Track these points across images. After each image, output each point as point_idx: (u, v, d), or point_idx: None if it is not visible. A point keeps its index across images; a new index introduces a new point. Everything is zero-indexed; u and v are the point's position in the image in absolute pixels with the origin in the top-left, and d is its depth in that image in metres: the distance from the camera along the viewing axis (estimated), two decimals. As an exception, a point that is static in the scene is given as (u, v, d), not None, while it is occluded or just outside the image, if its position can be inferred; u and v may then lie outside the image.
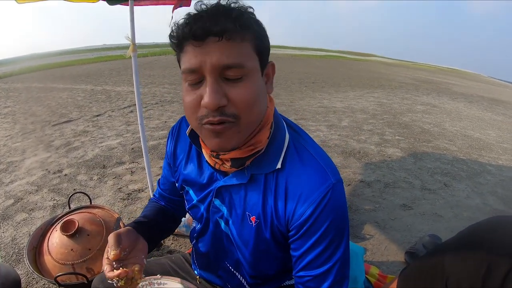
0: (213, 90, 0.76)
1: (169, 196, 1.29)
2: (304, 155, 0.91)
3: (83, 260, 1.92)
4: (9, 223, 2.88)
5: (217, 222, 1.07)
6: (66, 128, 5.95)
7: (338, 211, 0.87)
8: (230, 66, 0.75)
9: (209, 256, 1.20)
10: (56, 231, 2.04)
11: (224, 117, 0.78)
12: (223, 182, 0.97)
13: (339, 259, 0.90)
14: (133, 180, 3.40)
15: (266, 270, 1.10)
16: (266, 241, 0.98)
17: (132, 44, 2.39)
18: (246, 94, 0.78)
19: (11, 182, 3.78)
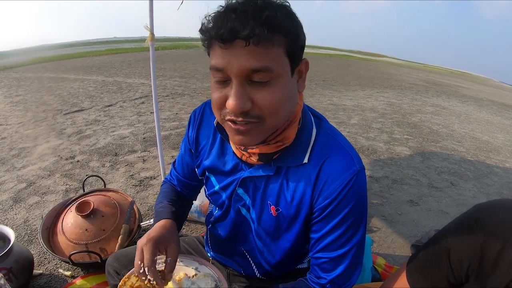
0: (238, 95, 0.76)
1: (186, 180, 1.30)
2: (331, 143, 0.93)
3: (97, 240, 1.96)
4: (21, 205, 2.92)
5: (238, 210, 1.09)
6: (78, 117, 6.00)
7: (360, 196, 0.90)
8: (257, 70, 0.75)
9: (226, 241, 1.22)
10: (71, 212, 2.09)
11: (248, 119, 0.79)
12: (248, 173, 0.99)
13: (356, 244, 0.93)
14: (145, 168, 3.44)
15: (281, 257, 1.12)
16: (285, 231, 1.02)
17: (151, 34, 2.39)
18: (272, 98, 0.78)
19: (23, 167, 3.83)
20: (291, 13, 0.78)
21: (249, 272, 1.24)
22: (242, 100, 0.76)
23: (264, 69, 0.74)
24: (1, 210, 2.88)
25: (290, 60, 0.78)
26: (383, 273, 2.08)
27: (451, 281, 0.91)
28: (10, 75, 15.97)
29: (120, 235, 2.00)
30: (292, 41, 0.77)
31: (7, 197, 3.10)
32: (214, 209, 1.23)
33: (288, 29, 0.75)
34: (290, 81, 0.81)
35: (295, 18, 0.79)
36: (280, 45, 0.75)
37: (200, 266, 1.14)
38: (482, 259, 0.83)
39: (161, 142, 2.85)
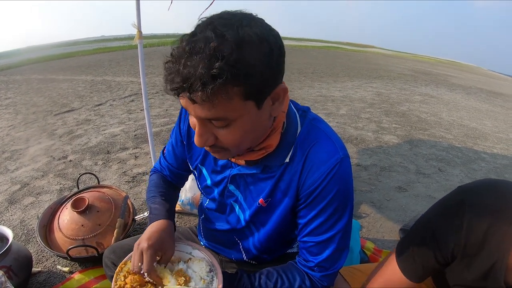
0: (200, 134, 0.82)
1: (177, 170, 1.34)
2: (315, 132, 0.97)
3: (93, 235, 2.02)
4: (17, 206, 2.96)
5: (230, 204, 1.16)
6: (68, 117, 6.00)
7: (344, 183, 0.94)
8: (212, 119, 0.78)
9: (218, 231, 1.28)
10: (67, 209, 2.14)
11: (215, 148, 0.87)
12: (237, 171, 1.05)
13: (341, 229, 0.98)
14: (137, 164, 3.49)
15: (271, 243, 1.18)
16: (274, 220, 1.07)
17: (138, 32, 2.42)
18: (232, 137, 0.82)
19: (16, 169, 3.86)
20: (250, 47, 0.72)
21: (240, 258, 1.29)
22: (203, 138, 0.83)
23: (218, 119, 0.78)
24: (-4, 212, 2.92)
25: (254, 99, 0.78)
26: (372, 256, 2.16)
27: (439, 261, 0.96)
28: (-1, 78, 15.84)
29: (115, 229, 2.05)
30: (251, 84, 0.74)
31: (2, 199, 3.14)
32: (205, 200, 1.29)
33: (242, 76, 0.71)
34: (255, 116, 0.82)
35: (259, 49, 0.74)
36: (234, 95, 0.73)
37: (194, 250, 1.17)
38: (468, 239, 0.88)
39: (153, 139, 2.90)
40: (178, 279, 1.04)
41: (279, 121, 0.94)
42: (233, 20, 0.72)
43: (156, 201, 1.24)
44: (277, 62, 0.78)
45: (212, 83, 0.68)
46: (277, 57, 0.77)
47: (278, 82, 0.81)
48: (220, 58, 0.67)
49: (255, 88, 0.75)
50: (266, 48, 0.74)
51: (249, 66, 0.71)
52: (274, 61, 0.76)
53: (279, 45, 0.78)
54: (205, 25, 0.73)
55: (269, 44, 0.75)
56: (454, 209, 0.93)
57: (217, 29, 0.70)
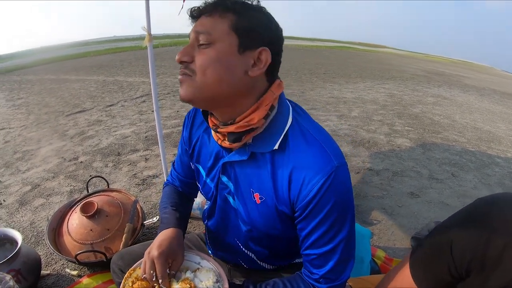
0: (183, 50, 0.94)
1: (184, 179, 1.38)
2: (308, 139, 0.95)
3: (102, 240, 2.01)
4: (27, 208, 2.97)
5: (225, 198, 1.15)
6: (80, 118, 6.04)
7: (340, 193, 0.92)
8: (199, 32, 0.91)
9: (220, 233, 1.28)
10: (76, 213, 2.13)
11: (185, 69, 0.94)
12: (227, 158, 1.05)
13: (342, 240, 0.97)
14: (147, 166, 3.48)
15: (273, 247, 1.18)
16: (271, 219, 1.05)
17: (148, 34, 2.42)
18: (205, 57, 0.90)
19: (27, 169, 3.88)
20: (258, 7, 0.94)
21: (246, 264, 1.30)
22: (184, 53, 0.93)
23: (203, 31, 0.91)
24: (8, 213, 2.93)
25: (237, 36, 0.90)
26: (383, 265, 2.11)
27: (453, 274, 0.93)
28: (11, 78, 16.00)
29: (124, 234, 2.04)
30: (240, 20, 0.90)
31: (13, 200, 3.15)
32: (207, 203, 1.29)
33: (238, 10, 0.90)
34: (232, 54, 0.91)
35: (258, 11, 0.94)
36: (227, 19, 0.90)
37: (202, 260, 1.18)
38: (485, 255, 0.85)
39: (163, 141, 2.89)
40: (183, 286, 1.05)
41: (266, 99, 0.96)
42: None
43: (167, 211, 1.27)
44: (274, 28, 0.94)
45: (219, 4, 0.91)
46: (276, 27, 0.95)
47: (266, 46, 0.92)
48: None
49: (239, 25, 0.90)
50: (267, 16, 0.94)
51: (244, 10, 0.91)
52: (273, 25, 0.94)
53: (277, 26, 0.96)
54: None
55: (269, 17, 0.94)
56: (472, 222, 0.90)
57: None
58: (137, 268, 1.16)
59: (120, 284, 1.23)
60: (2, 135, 5.68)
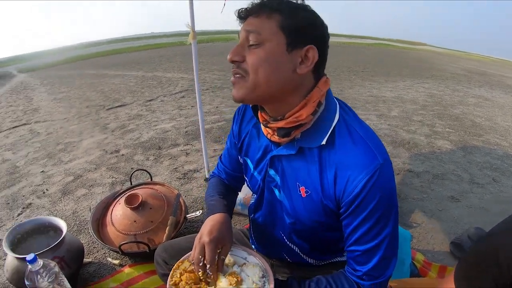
0: (234, 50, 0.99)
1: (231, 172, 1.44)
2: (354, 136, 0.98)
3: (145, 231, 2.03)
4: (70, 197, 3.07)
5: (272, 191, 1.20)
6: (121, 112, 6.22)
7: (385, 190, 0.94)
8: (249, 31, 0.96)
9: (266, 227, 1.32)
10: (120, 204, 2.17)
11: (238, 69, 0.99)
12: (275, 152, 1.10)
13: (386, 236, 0.99)
14: (188, 161, 3.51)
15: (316, 242, 1.22)
16: (315, 213, 1.08)
17: (192, 31, 2.50)
18: (256, 57, 0.95)
19: (70, 161, 4.01)
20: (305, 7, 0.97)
21: (290, 258, 1.34)
22: (235, 53, 0.98)
23: (253, 31, 0.95)
24: (50, 202, 3.03)
25: (286, 35, 0.94)
26: (422, 269, 2.08)
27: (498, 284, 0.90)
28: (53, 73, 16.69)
29: (167, 226, 2.05)
30: (286, 19, 0.93)
31: (56, 189, 3.26)
32: (252, 198, 1.35)
33: (284, 10, 0.94)
34: (281, 54, 0.95)
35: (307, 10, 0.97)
36: (274, 19, 0.94)
37: (249, 256, 1.22)
38: None
39: (205, 137, 2.94)
40: (230, 280, 1.09)
41: (313, 96, 1.00)
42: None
43: (214, 199, 1.33)
44: (320, 26, 0.97)
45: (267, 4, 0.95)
46: (321, 25, 0.97)
47: (313, 44, 0.95)
48: None
49: (288, 24, 0.93)
50: (313, 15, 0.96)
51: (296, 10, 0.95)
52: (318, 23, 0.97)
53: (323, 25, 0.98)
54: None
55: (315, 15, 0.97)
56: None
57: None
58: (185, 260, 1.20)
59: (163, 275, 1.40)
60: (44, 127, 5.91)
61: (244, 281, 1.11)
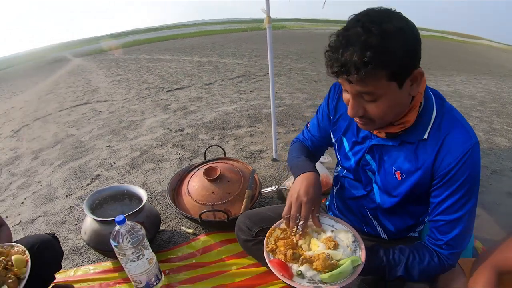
0: (352, 106, 1.07)
1: (318, 141, 1.57)
2: (451, 120, 1.11)
3: (223, 203, 2.11)
4: (138, 171, 3.22)
5: (365, 172, 1.32)
6: (180, 94, 6.41)
7: (475, 167, 1.08)
8: (363, 93, 1.02)
9: (351, 200, 1.45)
10: (197, 176, 2.28)
11: (363, 119, 1.10)
12: (376, 141, 1.23)
13: (469, 210, 1.12)
14: (253, 142, 3.58)
15: (398, 220, 1.35)
16: (406, 194, 1.20)
17: (268, 17, 2.63)
18: (378, 110, 1.04)
19: (134, 137, 4.20)
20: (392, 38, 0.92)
21: (368, 230, 1.47)
22: (354, 110, 1.07)
23: (368, 93, 1.00)
24: (119, 174, 3.21)
25: (396, 80, 0.98)
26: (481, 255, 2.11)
27: None
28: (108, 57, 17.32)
29: (244, 199, 2.12)
30: (393, 69, 0.95)
31: (123, 163, 3.43)
32: (341, 170, 1.48)
33: (387, 63, 0.93)
34: (397, 94, 1.01)
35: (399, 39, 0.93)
36: (381, 77, 0.95)
37: (336, 224, 1.35)
38: None
39: (275, 119, 3.08)
40: (327, 244, 1.22)
41: (417, 101, 1.11)
42: (377, 16, 0.95)
43: (301, 159, 1.47)
44: (414, 49, 0.98)
45: (364, 68, 0.92)
46: (414, 45, 0.97)
47: (416, 66, 1.00)
48: (369, 49, 0.90)
49: (397, 71, 0.96)
50: (405, 38, 0.94)
51: (392, 54, 0.92)
52: (412, 49, 0.97)
53: (415, 34, 0.98)
54: (354, 21, 0.96)
55: (407, 34, 0.95)
56: None
57: (365, 25, 0.92)
58: (276, 228, 1.35)
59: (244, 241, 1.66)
60: (105, 106, 6.20)
61: (339, 245, 1.23)
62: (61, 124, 5.49)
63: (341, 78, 1.01)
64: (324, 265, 1.12)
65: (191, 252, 2.08)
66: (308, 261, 1.16)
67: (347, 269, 1.12)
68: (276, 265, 1.18)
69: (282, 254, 1.21)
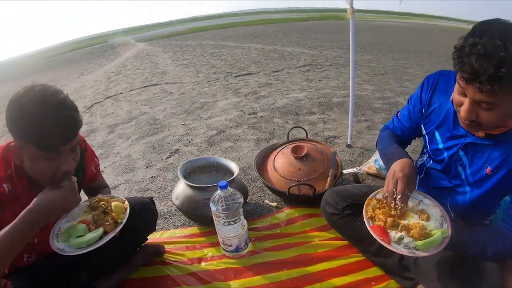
0: (467, 110, 1.11)
1: (407, 132, 1.64)
2: None
3: (308, 179, 2.24)
4: (216, 148, 3.42)
5: (456, 166, 1.38)
6: (249, 79, 6.60)
7: None
8: (483, 102, 1.06)
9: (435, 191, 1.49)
10: (283, 154, 2.43)
11: (473, 123, 1.15)
12: (472, 140, 1.28)
13: None
14: (326, 128, 3.66)
15: (476, 211, 1.41)
16: (492, 190, 1.27)
17: (351, 7, 2.69)
18: (491, 118, 1.10)
19: (209, 117, 4.40)
20: None
21: None
22: (469, 114, 1.12)
23: (489, 103, 1.05)
24: (198, 150, 3.41)
25: None
26: None
27: None
28: (171, 42, 17.82)
29: (328, 177, 2.24)
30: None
31: (201, 140, 3.64)
32: (428, 161, 1.54)
33: None
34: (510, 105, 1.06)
35: None
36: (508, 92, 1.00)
37: (424, 198, 1.43)
38: None
39: (353, 107, 3.18)
40: (421, 216, 1.35)
41: None
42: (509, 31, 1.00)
43: (395, 147, 1.57)
44: None
45: (497, 81, 0.96)
46: None
47: None
48: (505, 65, 0.95)
49: None
50: None
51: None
52: None
53: None
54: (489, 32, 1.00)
55: None
56: None
57: (503, 40, 0.96)
58: (372, 198, 1.47)
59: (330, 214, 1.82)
60: (176, 88, 6.48)
61: (432, 217, 1.34)
62: (133, 103, 5.84)
63: (471, 84, 1.04)
64: (420, 233, 1.24)
65: (275, 223, 2.21)
66: (406, 228, 1.28)
67: (438, 238, 1.23)
68: (377, 230, 1.30)
69: (382, 221, 1.33)
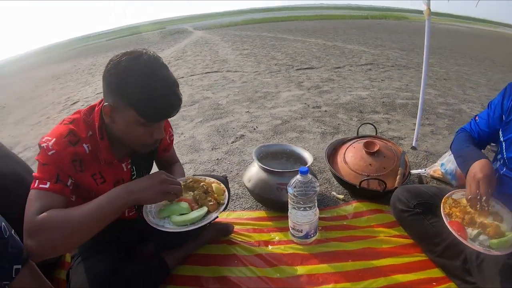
0: None
1: (484, 136, 1.66)
2: None
3: (378, 175, 2.31)
4: (282, 137, 3.55)
5: None
6: (311, 73, 6.67)
7: None
8: None
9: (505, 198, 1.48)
10: (354, 148, 2.51)
11: None
12: None
13: None
14: (391, 128, 3.69)
15: None
16: None
17: (428, 9, 2.73)
18: None
19: (273, 107, 4.54)
20: None
21: None
22: None
23: None
24: (263, 137, 3.55)
25: None
26: None
27: None
28: (230, 32, 18.07)
29: (397, 175, 2.31)
30: None
31: (266, 128, 3.78)
32: (501, 168, 1.52)
33: None
34: None
35: None
36: None
37: (496, 204, 1.46)
38: None
39: (422, 109, 3.21)
40: (495, 217, 1.39)
41: None
42: None
43: (472, 148, 1.59)
44: None
45: None
46: None
47: None
48: None
49: None
50: None
51: None
52: None
53: None
54: None
55: None
56: None
57: None
58: (449, 197, 1.52)
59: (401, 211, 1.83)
60: (237, 76, 6.65)
61: (505, 219, 1.39)
62: (195, 87, 6.06)
63: None
64: (496, 232, 1.29)
65: (342, 215, 2.29)
66: (482, 226, 1.33)
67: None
68: (454, 226, 1.37)
69: (460, 218, 1.40)
